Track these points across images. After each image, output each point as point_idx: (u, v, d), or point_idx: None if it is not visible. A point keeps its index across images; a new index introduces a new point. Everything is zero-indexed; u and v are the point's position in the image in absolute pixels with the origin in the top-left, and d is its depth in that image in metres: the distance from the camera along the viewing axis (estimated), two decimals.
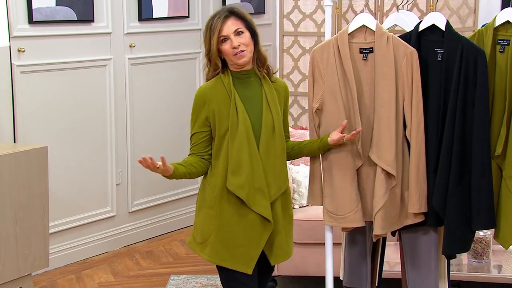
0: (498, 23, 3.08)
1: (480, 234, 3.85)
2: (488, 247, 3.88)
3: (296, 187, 4.09)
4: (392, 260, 3.86)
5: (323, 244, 3.36)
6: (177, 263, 4.71)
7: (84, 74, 4.65)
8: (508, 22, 3.05)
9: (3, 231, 3.53)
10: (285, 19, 5.42)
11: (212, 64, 2.84)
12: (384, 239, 3.35)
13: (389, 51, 3.03)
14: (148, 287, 4.34)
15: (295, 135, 4.17)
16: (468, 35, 3.17)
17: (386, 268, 3.64)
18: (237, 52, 2.79)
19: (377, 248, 3.35)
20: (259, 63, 2.88)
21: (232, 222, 2.86)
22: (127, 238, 5.03)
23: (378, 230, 3.06)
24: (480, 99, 2.99)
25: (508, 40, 3.03)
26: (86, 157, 4.71)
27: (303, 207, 4.08)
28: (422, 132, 3.06)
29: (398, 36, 3.11)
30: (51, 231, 4.19)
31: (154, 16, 5.02)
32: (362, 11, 3.44)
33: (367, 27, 3.07)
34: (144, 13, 4.94)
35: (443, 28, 3.06)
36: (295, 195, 4.08)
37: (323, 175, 3.17)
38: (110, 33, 4.76)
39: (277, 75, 3.02)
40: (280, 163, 2.90)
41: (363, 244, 3.30)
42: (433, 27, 3.09)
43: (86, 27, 4.62)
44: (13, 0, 4.21)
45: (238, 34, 2.80)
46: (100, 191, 4.84)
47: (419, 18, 3.32)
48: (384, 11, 5.04)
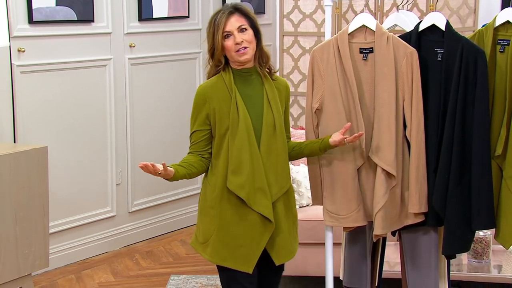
0: (498, 23, 3.08)
1: (480, 234, 3.85)
2: (488, 247, 3.88)
3: (296, 187, 4.09)
4: (392, 260, 3.86)
5: (323, 244, 3.36)
6: (177, 263, 4.71)
7: (84, 74, 4.65)
8: (508, 22, 3.05)
9: (3, 231, 3.53)
10: (285, 19, 5.42)
11: (215, 60, 2.83)
12: (384, 239, 3.35)
13: (389, 51, 3.03)
14: (148, 287, 4.34)
15: (295, 135, 4.17)
16: (469, 35, 3.17)
17: (386, 268, 3.64)
18: (239, 49, 2.79)
19: (377, 248, 3.34)
20: (261, 61, 2.87)
21: (233, 222, 2.85)
22: (127, 238, 5.03)
23: (378, 230, 3.06)
24: (480, 99, 2.99)
25: (508, 40, 3.03)
26: (86, 157, 4.71)
27: (303, 207, 4.08)
28: (422, 132, 3.06)
29: (398, 36, 3.11)
30: (51, 231, 4.19)
31: (154, 16, 5.02)
32: (362, 11, 3.44)
33: (367, 27, 3.07)
34: (144, 13, 4.94)
35: (443, 28, 3.06)
36: (295, 195, 4.07)
37: (323, 175, 3.17)
38: (110, 33, 4.76)
39: (277, 74, 3.01)
40: (281, 162, 2.89)
41: (363, 244, 3.29)
42: (433, 27, 3.09)
43: (86, 27, 4.62)
44: (13, 0, 4.21)
45: (241, 31, 2.80)
46: (100, 191, 4.84)
47: (419, 18, 3.32)
48: (384, 11, 5.04)
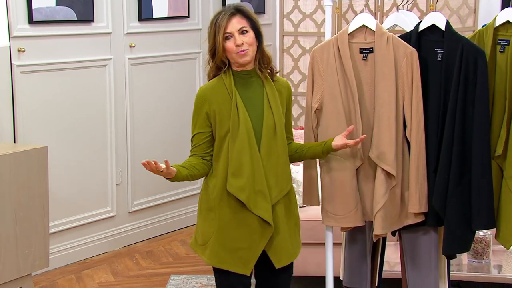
0: (498, 23, 3.08)
1: (480, 234, 3.85)
2: (488, 247, 3.88)
3: (296, 187, 4.09)
4: (392, 260, 3.86)
5: (323, 244, 3.36)
6: (177, 263, 4.71)
7: (84, 74, 4.65)
8: (508, 22, 3.05)
9: (3, 231, 3.53)
10: (285, 19, 5.43)
11: (218, 61, 2.82)
12: (384, 239, 3.35)
13: (389, 51, 3.03)
14: (148, 287, 4.34)
15: (296, 134, 4.16)
16: (469, 35, 3.17)
17: (386, 268, 3.64)
18: (240, 51, 2.78)
19: (377, 248, 3.34)
20: (262, 63, 2.86)
21: (232, 224, 2.84)
22: (127, 238, 5.03)
23: (378, 230, 3.06)
24: (480, 99, 2.99)
25: (508, 40, 3.03)
26: (86, 157, 4.71)
27: (303, 207, 4.08)
28: (422, 132, 3.06)
29: (398, 36, 3.11)
30: (51, 231, 4.19)
31: (154, 16, 5.02)
32: (362, 11, 3.44)
33: (367, 27, 3.07)
34: (144, 13, 4.94)
35: (443, 28, 3.06)
36: (296, 195, 4.06)
37: (322, 175, 3.17)
38: (110, 33, 4.76)
39: (278, 75, 3.01)
40: (282, 165, 2.87)
41: (363, 244, 3.29)
42: (433, 27, 3.09)
43: (86, 27, 4.62)
44: (13, 0, 4.21)
45: (242, 32, 2.79)
46: (100, 191, 4.84)
47: (419, 18, 3.32)
48: (384, 11, 5.05)
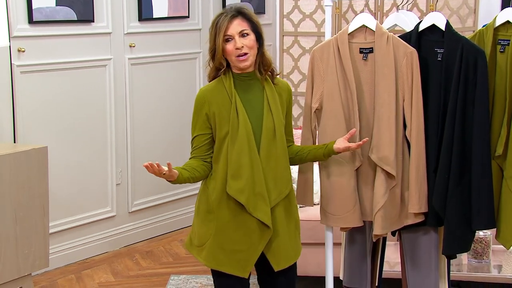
0: (498, 23, 3.08)
1: (480, 234, 3.85)
2: (488, 247, 3.88)
3: (296, 187, 4.08)
4: (392, 260, 3.86)
5: (323, 244, 3.36)
6: (177, 263, 4.71)
7: (84, 74, 4.65)
8: (508, 22, 3.05)
9: (3, 231, 3.53)
10: (285, 19, 5.43)
11: (217, 62, 2.81)
12: (384, 239, 3.35)
13: (389, 51, 3.03)
14: (148, 287, 4.34)
15: (295, 134, 4.14)
16: (469, 35, 3.17)
17: (386, 268, 3.64)
18: (239, 54, 2.77)
19: (377, 248, 3.34)
20: (262, 66, 2.84)
21: (230, 227, 2.83)
22: (127, 238, 5.03)
23: (378, 230, 3.06)
24: (480, 99, 2.99)
25: (508, 40, 3.03)
26: (86, 157, 4.71)
27: (303, 207, 4.08)
28: (422, 132, 3.06)
29: (398, 36, 3.11)
30: (51, 231, 4.19)
31: (154, 16, 5.02)
32: (362, 11, 3.44)
33: (367, 27, 3.07)
34: (144, 13, 4.94)
35: (443, 28, 3.06)
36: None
37: (321, 174, 3.17)
38: (110, 33, 4.76)
39: (278, 77, 2.98)
40: (281, 167, 2.86)
41: (363, 244, 3.29)
42: (433, 27, 3.09)
43: (86, 27, 4.62)
44: (13, 0, 4.21)
45: (243, 35, 2.77)
46: (100, 191, 4.84)
47: (419, 18, 3.33)
48: (384, 11, 5.05)
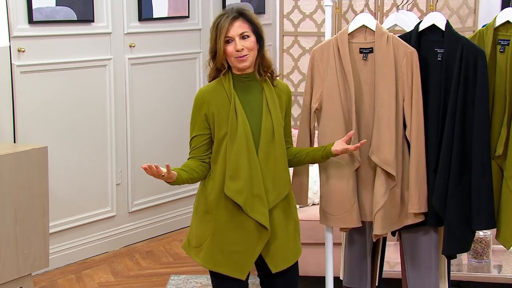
0: (498, 23, 3.08)
1: (480, 234, 3.85)
2: (488, 247, 3.88)
3: None
4: (392, 260, 3.86)
5: (323, 244, 3.36)
6: (177, 263, 4.71)
7: (84, 74, 4.65)
8: (508, 22, 3.05)
9: (3, 231, 3.53)
10: (285, 19, 5.43)
11: (218, 63, 2.80)
12: (384, 239, 3.35)
13: (389, 51, 3.03)
14: (148, 287, 4.34)
15: (295, 135, 4.16)
16: (469, 35, 3.17)
17: (386, 268, 3.64)
18: (239, 56, 2.77)
19: (377, 248, 3.34)
20: (262, 67, 2.83)
21: (228, 228, 2.82)
22: (127, 238, 5.03)
23: (378, 230, 3.06)
24: (480, 99, 2.99)
25: (508, 40, 3.03)
26: (86, 157, 4.71)
27: (303, 207, 4.08)
28: (422, 132, 3.06)
29: (398, 36, 3.11)
30: (51, 231, 4.19)
31: (154, 16, 5.02)
32: (362, 11, 3.44)
33: (367, 27, 3.07)
34: (144, 13, 4.94)
35: (443, 28, 3.06)
36: None
37: (320, 174, 3.16)
38: (110, 33, 4.76)
39: (278, 78, 2.97)
40: (280, 169, 2.85)
41: (363, 244, 3.30)
42: (433, 27, 3.09)
43: (86, 27, 4.62)
44: (13, 0, 4.21)
45: (243, 37, 2.76)
46: (100, 191, 4.84)
47: (419, 18, 3.33)
48: (384, 11, 5.05)
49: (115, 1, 4.75)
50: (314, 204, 4.15)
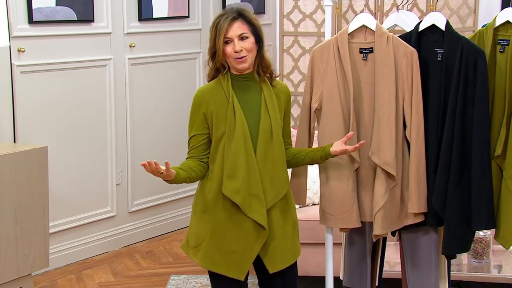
0: (498, 23, 3.08)
1: (480, 234, 3.85)
2: (488, 247, 3.88)
3: None
4: (392, 260, 3.86)
5: (323, 244, 3.36)
6: (177, 263, 4.71)
7: (84, 74, 4.65)
8: (508, 22, 3.05)
9: (3, 231, 3.53)
10: (285, 19, 5.42)
11: (218, 64, 2.80)
12: (384, 239, 3.35)
13: (389, 51, 3.03)
14: (148, 287, 4.34)
15: (295, 135, 4.16)
16: (469, 35, 3.17)
17: (386, 268, 3.64)
18: (238, 57, 2.76)
19: (377, 248, 3.34)
20: (261, 68, 2.83)
21: (226, 227, 2.82)
22: (127, 238, 5.03)
23: (378, 230, 3.06)
24: (480, 99, 2.99)
25: (508, 40, 3.03)
26: (86, 157, 4.71)
27: (303, 207, 4.08)
28: (422, 132, 3.06)
29: (398, 36, 3.11)
30: (51, 231, 4.19)
31: (154, 16, 5.02)
32: (362, 11, 3.44)
33: (367, 27, 3.07)
34: (144, 13, 4.94)
35: (443, 28, 3.06)
36: None
37: (320, 175, 3.17)
38: (110, 33, 4.76)
39: (277, 79, 2.97)
40: (278, 169, 2.85)
41: (363, 244, 3.30)
42: (433, 27, 3.09)
43: (86, 27, 4.62)
44: (13, 0, 4.21)
45: (242, 38, 2.76)
46: (100, 191, 4.84)
47: (419, 18, 3.33)
48: (384, 11, 5.05)
49: (115, 1, 4.75)
50: (314, 204, 4.15)
